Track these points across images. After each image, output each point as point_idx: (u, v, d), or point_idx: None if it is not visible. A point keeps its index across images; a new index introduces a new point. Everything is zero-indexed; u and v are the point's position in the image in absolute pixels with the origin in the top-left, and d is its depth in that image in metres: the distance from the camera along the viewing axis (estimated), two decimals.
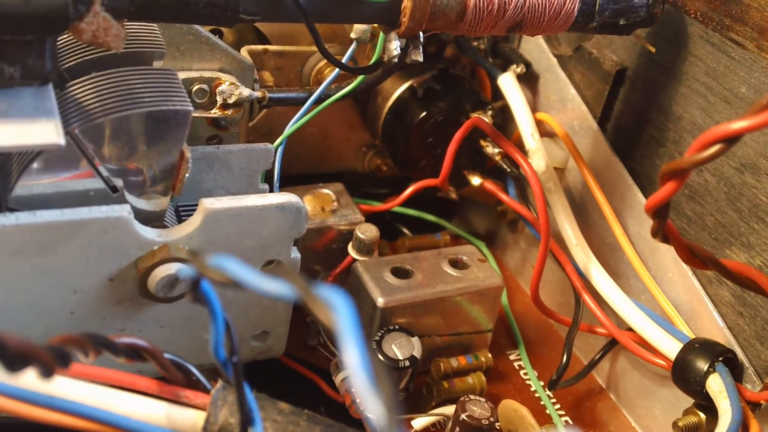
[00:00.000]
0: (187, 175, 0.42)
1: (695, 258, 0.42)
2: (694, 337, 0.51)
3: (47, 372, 0.26)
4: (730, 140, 0.34)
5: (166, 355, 0.35)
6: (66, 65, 0.41)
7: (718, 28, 0.50)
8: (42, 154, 0.40)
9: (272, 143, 0.55)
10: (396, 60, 0.44)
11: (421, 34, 0.45)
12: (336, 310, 0.23)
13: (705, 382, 0.47)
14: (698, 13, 0.51)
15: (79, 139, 0.38)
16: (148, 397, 0.35)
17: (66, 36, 0.41)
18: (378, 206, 0.65)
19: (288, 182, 0.58)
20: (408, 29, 0.43)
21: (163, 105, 0.39)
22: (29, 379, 0.30)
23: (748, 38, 0.48)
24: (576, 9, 0.47)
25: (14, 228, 0.37)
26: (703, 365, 0.47)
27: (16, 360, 0.25)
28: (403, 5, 0.42)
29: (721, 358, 0.48)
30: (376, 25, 0.47)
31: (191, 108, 0.40)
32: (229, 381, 0.34)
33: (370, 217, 0.61)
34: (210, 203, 0.41)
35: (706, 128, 0.50)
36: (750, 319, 0.49)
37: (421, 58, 0.45)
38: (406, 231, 0.70)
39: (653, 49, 0.54)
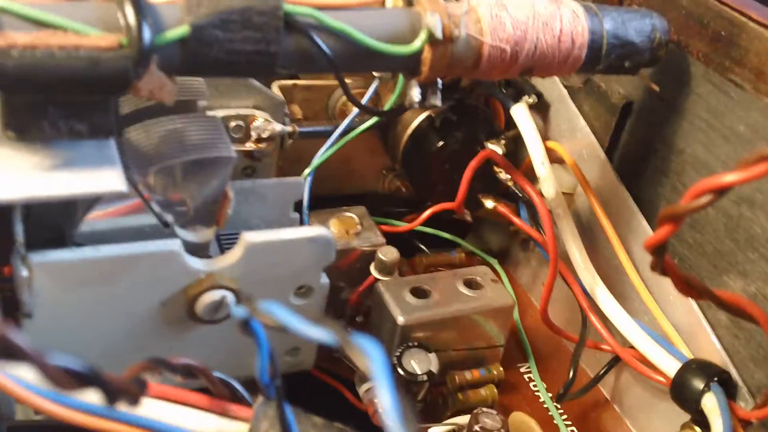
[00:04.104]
0: (229, 211, 0.47)
1: (691, 289, 0.46)
2: (692, 356, 0.55)
3: (134, 400, 0.30)
4: (721, 192, 0.38)
5: (215, 374, 0.39)
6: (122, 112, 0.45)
7: (718, 69, 0.54)
8: None
9: (300, 168, 0.59)
10: (417, 105, 0.49)
11: (439, 80, 0.49)
12: (371, 358, 0.27)
13: (700, 400, 0.51)
14: (700, 54, 0.55)
15: (136, 182, 0.43)
16: (199, 410, 0.39)
17: None
18: (398, 227, 0.69)
19: (314, 202, 0.62)
20: (427, 77, 0.47)
21: (210, 153, 0.43)
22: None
23: (746, 80, 0.52)
24: (584, 55, 0.51)
25: (81, 261, 0.41)
26: (699, 384, 0.51)
27: (115, 393, 0.29)
28: (423, 56, 0.46)
29: (716, 378, 0.52)
30: None
31: (235, 155, 0.44)
32: (270, 398, 0.39)
33: (390, 235, 0.66)
34: (250, 237, 0.46)
35: (706, 162, 0.55)
36: (745, 341, 0.53)
37: (439, 103, 0.49)
38: (423, 248, 0.74)
39: (657, 88, 0.58)
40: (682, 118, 0.57)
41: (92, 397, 0.35)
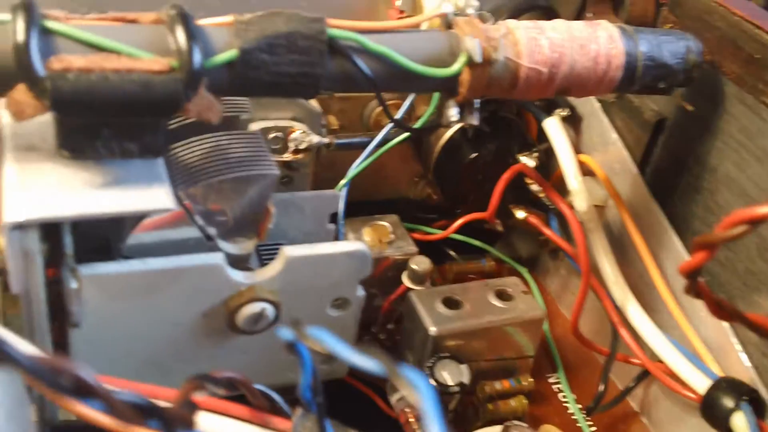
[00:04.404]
0: (270, 226, 0.48)
1: (724, 312, 0.46)
2: (721, 373, 0.56)
3: (189, 425, 0.32)
4: (756, 222, 0.38)
5: (255, 386, 0.41)
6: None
7: (752, 91, 0.54)
8: None
9: (333, 173, 0.61)
10: (454, 124, 0.50)
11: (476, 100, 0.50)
12: (420, 391, 0.28)
13: (730, 419, 0.52)
14: (734, 75, 0.55)
15: (182, 197, 0.44)
16: (240, 421, 0.41)
17: None
18: (430, 236, 0.70)
19: (347, 207, 0.63)
20: (465, 98, 0.48)
21: (253, 170, 0.45)
22: None
23: None
24: (619, 76, 0.51)
25: (128, 274, 0.43)
26: (728, 403, 0.52)
27: (172, 423, 0.30)
28: (461, 78, 0.47)
29: (746, 397, 0.52)
30: None
31: (277, 172, 0.46)
32: (309, 410, 0.40)
33: (420, 242, 0.67)
34: (290, 251, 0.47)
35: (738, 182, 0.55)
36: None
37: (476, 122, 0.50)
38: (453, 254, 0.75)
39: (691, 108, 0.58)
40: (714, 137, 0.57)
41: None
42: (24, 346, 0.26)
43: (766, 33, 0.53)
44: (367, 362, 0.29)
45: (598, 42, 0.50)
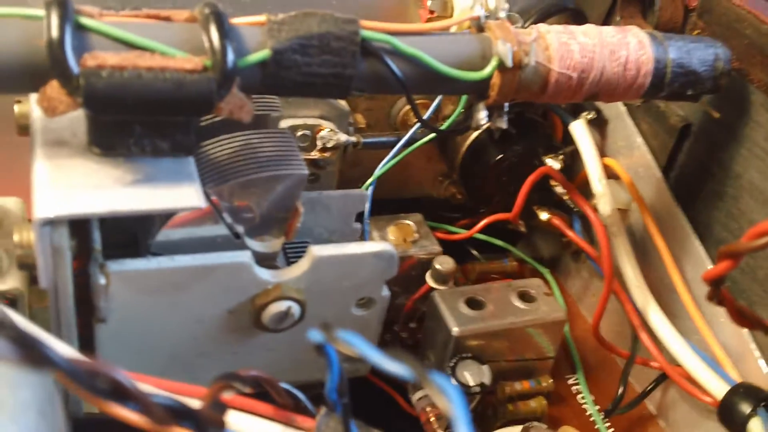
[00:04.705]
0: (298, 225, 0.48)
1: (745, 320, 0.47)
2: (739, 379, 0.56)
3: (220, 425, 0.32)
4: None
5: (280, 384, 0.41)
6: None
7: None
8: None
9: (358, 170, 0.61)
10: (483, 127, 0.50)
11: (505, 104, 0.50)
12: (450, 397, 0.28)
13: (747, 424, 0.52)
14: (762, 83, 0.55)
15: (211, 195, 0.45)
16: (265, 419, 0.41)
17: None
18: (453, 235, 0.71)
19: (372, 205, 0.63)
20: (495, 101, 0.49)
21: (283, 170, 0.45)
22: None
23: None
24: (648, 82, 0.51)
25: (156, 271, 0.43)
26: (745, 409, 0.52)
27: (204, 424, 0.31)
28: (492, 82, 0.47)
29: (763, 403, 0.53)
30: None
31: (306, 172, 0.46)
32: (334, 411, 0.40)
33: (445, 242, 0.67)
34: (317, 250, 0.47)
35: (763, 190, 0.55)
36: None
37: (504, 125, 0.50)
38: (475, 254, 0.76)
39: (717, 115, 0.58)
40: (740, 144, 0.57)
41: None
42: (62, 348, 0.27)
43: None
44: (397, 367, 0.30)
45: (628, 48, 0.50)
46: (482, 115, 0.49)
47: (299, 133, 0.58)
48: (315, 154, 0.59)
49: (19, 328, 0.24)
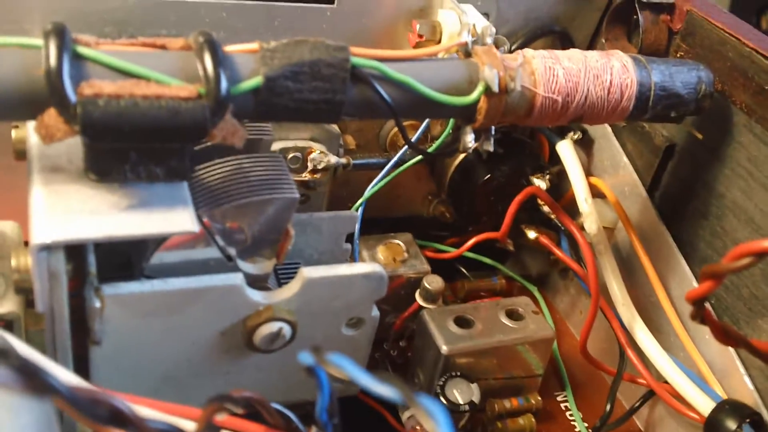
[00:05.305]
0: (289, 247, 0.49)
1: (728, 338, 0.48)
2: (725, 395, 0.57)
3: None
4: (761, 255, 0.40)
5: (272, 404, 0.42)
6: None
7: (760, 121, 0.55)
8: None
9: (348, 189, 0.62)
10: (471, 150, 0.51)
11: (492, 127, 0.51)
12: (437, 420, 0.29)
13: None
14: (743, 105, 0.57)
15: (203, 218, 0.46)
16: None
17: None
18: (443, 254, 0.72)
19: (362, 224, 0.64)
20: (482, 125, 0.50)
21: (274, 194, 0.46)
22: None
23: None
24: (632, 105, 0.53)
25: (150, 294, 0.44)
26: (731, 425, 0.53)
27: None
28: (479, 106, 0.48)
29: (748, 420, 0.54)
30: None
31: (297, 196, 0.47)
32: (325, 430, 0.41)
33: (434, 260, 0.68)
34: (307, 272, 0.48)
35: (745, 209, 0.56)
36: None
37: (491, 148, 0.51)
38: (464, 272, 0.76)
39: (701, 136, 0.59)
40: (723, 164, 0.59)
41: None
42: (63, 375, 0.28)
43: None
44: (386, 390, 0.30)
45: (611, 72, 0.51)
46: (469, 138, 0.50)
47: (290, 155, 0.59)
48: (306, 176, 0.60)
49: (23, 357, 0.25)
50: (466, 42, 0.50)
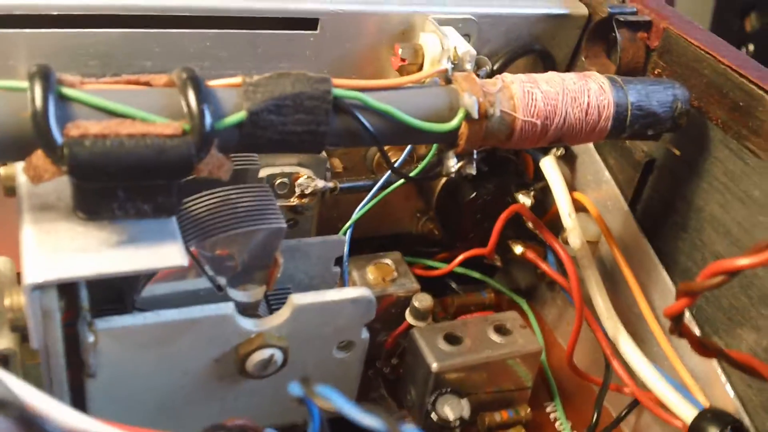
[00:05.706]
0: (278, 274, 0.50)
1: (707, 350, 0.49)
2: (707, 403, 0.58)
3: None
4: (734, 273, 0.41)
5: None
6: None
7: (736, 136, 0.57)
8: None
9: (337, 211, 0.63)
10: (453, 174, 0.52)
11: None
12: None
13: None
14: (719, 121, 0.58)
15: (191, 250, 0.47)
16: None
17: None
18: (432, 272, 0.73)
19: (351, 243, 0.65)
20: (464, 150, 0.51)
21: (262, 224, 0.47)
22: None
23: (762, 149, 0.55)
24: (609, 126, 0.54)
25: (143, 326, 0.45)
26: None
27: None
28: (460, 132, 0.50)
29: (729, 427, 0.55)
30: None
31: (284, 225, 0.48)
32: None
33: (424, 277, 0.70)
34: (297, 299, 0.49)
35: (723, 222, 0.58)
36: (757, 390, 0.56)
37: (473, 171, 0.53)
38: (454, 286, 0.78)
39: (678, 152, 0.61)
40: (701, 178, 0.60)
41: None
42: (61, 415, 0.28)
43: (751, 82, 0.55)
44: (371, 421, 0.32)
45: (589, 93, 0.53)
46: (452, 163, 0.51)
47: (278, 181, 0.60)
48: (294, 201, 0.61)
49: (23, 408, 0.25)
50: (446, 69, 0.51)
